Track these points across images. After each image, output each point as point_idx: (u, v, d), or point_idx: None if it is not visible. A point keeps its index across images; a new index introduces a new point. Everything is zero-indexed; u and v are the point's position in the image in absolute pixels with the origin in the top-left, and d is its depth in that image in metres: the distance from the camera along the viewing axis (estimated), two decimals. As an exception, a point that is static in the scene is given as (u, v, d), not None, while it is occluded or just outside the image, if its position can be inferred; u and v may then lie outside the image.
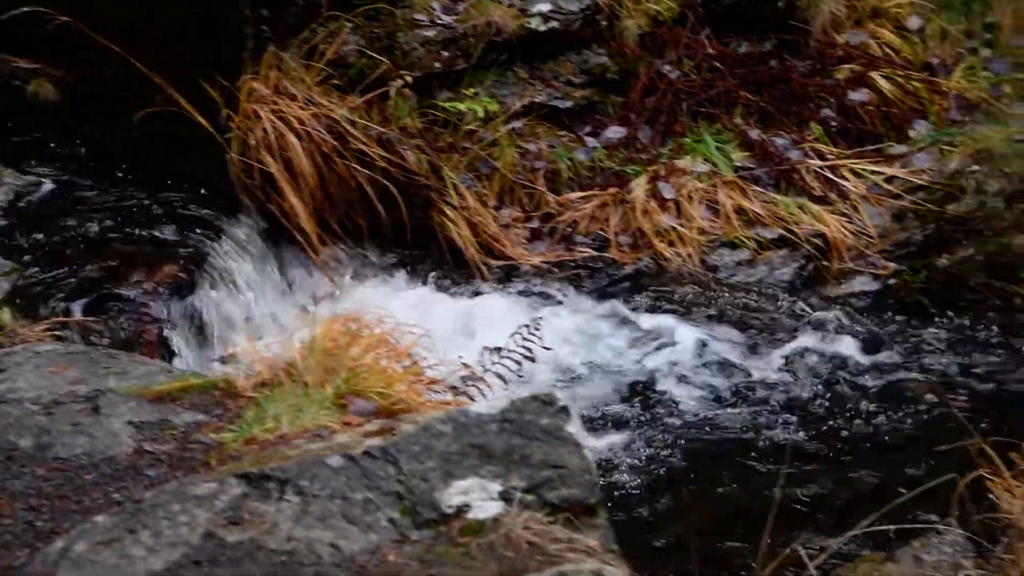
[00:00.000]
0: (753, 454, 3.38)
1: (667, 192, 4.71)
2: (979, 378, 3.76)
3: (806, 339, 4.09)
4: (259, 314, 3.97)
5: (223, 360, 2.65)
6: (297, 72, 4.39)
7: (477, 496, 1.88)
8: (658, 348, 4.03)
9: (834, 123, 4.99)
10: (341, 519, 1.82)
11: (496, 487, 1.90)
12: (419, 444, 1.95)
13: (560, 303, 4.32)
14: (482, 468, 1.93)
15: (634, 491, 3.22)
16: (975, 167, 4.65)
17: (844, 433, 3.49)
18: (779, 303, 4.36)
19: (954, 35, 5.36)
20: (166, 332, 3.57)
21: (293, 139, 4.26)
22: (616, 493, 3.20)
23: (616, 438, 3.46)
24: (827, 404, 3.63)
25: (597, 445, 3.39)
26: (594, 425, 3.56)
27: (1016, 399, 3.58)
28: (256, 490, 1.87)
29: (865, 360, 3.92)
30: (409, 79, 4.57)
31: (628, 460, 3.36)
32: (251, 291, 4.02)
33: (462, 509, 1.86)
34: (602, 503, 1.96)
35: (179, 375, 2.51)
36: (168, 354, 3.48)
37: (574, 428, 2.03)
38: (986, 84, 5.08)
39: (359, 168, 4.34)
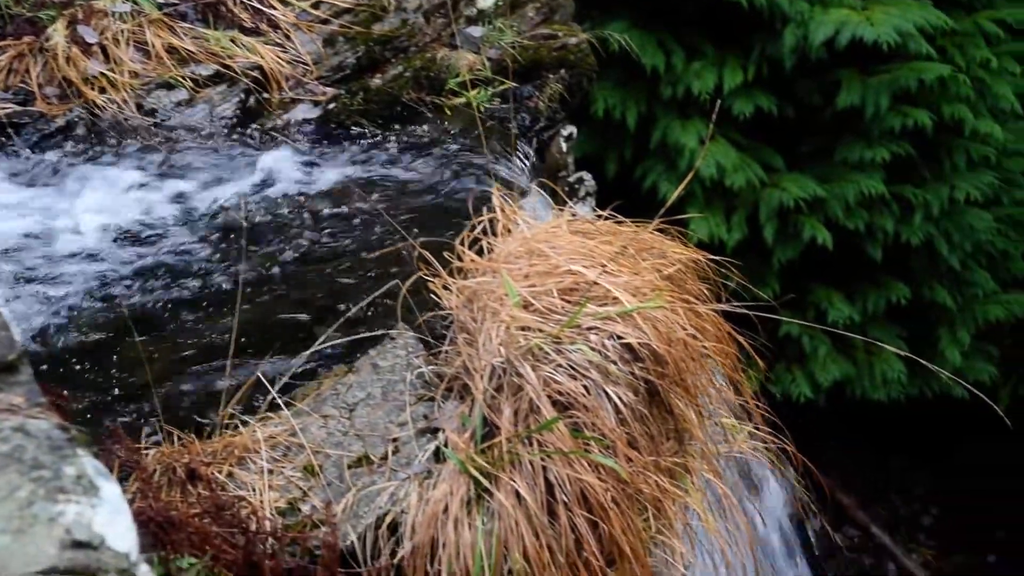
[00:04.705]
0: (207, 291, 3.35)
1: (89, 36, 4.45)
2: (415, 187, 3.94)
3: (252, 172, 4.07)
4: None
5: None
6: None
7: None
8: (96, 200, 3.84)
9: (255, -48, 4.90)
10: None
11: None
12: None
13: (-17, 165, 3.99)
14: None
15: (80, 347, 3.08)
16: (392, -16, 4.80)
17: (295, 257, 3.53)
18: (222, 139, 4.31)
19: None
20: None
21: None
22: (57, 349, 3.05)
23: (50, 294, 3.27)
24: (276, 232, 3.65)
25: (22, 307, 3.18)
26: (21, 283, 3.34)
27: (447, 203, 3.80)
28: None
29: (310, 185, 3.97)
30: None
31: (70, 316, 3.20)
32: None
33: None
34: (25, 358, 1.87)
35: None
36: None
37: (-17, 287, 1.90)
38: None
39: None
